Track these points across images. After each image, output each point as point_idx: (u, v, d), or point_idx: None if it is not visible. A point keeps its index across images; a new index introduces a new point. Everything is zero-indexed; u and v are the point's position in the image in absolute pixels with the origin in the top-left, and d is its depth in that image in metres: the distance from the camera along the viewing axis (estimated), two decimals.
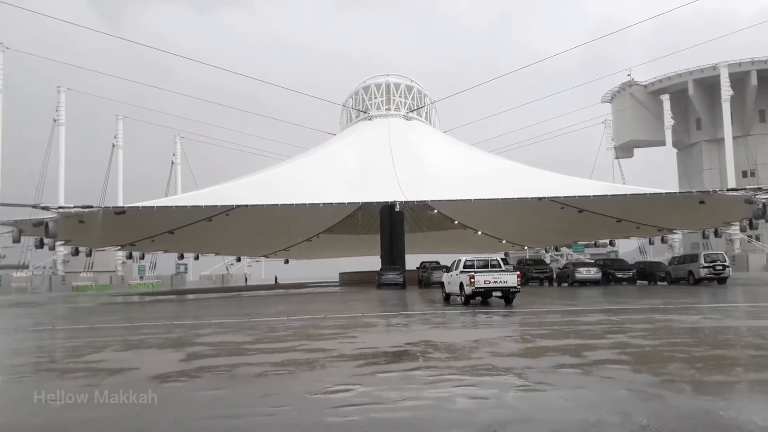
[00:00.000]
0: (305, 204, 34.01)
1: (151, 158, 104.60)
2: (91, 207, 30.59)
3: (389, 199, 34.94)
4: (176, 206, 34.19)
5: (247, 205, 35.39)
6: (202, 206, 34.18)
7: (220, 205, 35.35)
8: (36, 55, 56.97)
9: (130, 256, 53.70)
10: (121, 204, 43.04)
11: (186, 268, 76.17)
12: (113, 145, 65.11)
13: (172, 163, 73.39)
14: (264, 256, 74.05)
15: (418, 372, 7.49)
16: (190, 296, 39.41)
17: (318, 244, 63.64)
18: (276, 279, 78.78)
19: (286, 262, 75.06)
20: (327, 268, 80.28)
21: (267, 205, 34.18)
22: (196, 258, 63.99)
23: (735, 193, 33.34)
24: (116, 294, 48.36)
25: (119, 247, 49.44)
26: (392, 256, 47.55)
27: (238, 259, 74.52)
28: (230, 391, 6.79)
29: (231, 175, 46.19)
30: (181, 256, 62.66)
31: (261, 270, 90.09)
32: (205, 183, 47.91)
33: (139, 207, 33.52)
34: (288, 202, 33.84)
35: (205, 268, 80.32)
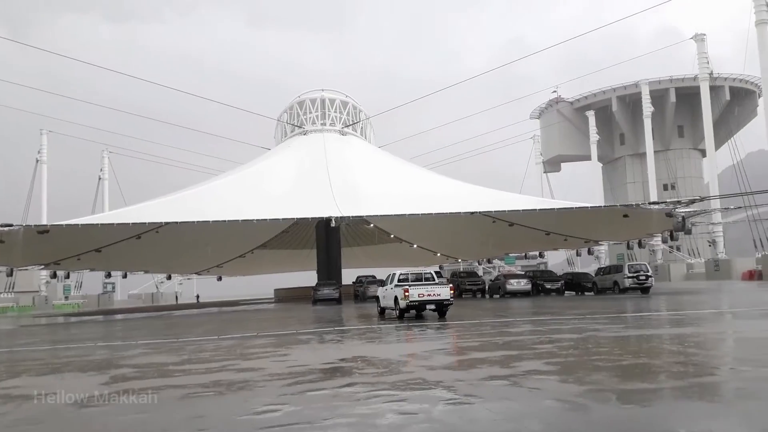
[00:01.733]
0: (238, 221, 33.48)
1: (77, 174, 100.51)
2: (11, 225, 29.20)
3: (325, 214, 34.80)
4: (102, 224, 33.05)
5: (177, 222, 34.52)
6: (129, 224, 33.14)
7: (149, 222, 34.32)
8: None
9: (54, 276, 51.36)
10: (44, 222, 41.20)
11: (114, 287, 73.47)
12: (37, 161, 62.42)
13: (99, 178, 70.97)
14: (196, 273, 72.28)
15: (348, 389, 7.46)
16: (118, 316, 38.07)
17: (252, 260, 62.65)
18: (198, 297, 77.08)
19: (219, 279, 73.51)
20: (262, 284, 79.11)
21: (198, 222, 33.43)
22: (125, 276, 61.73)
23: (656, 207, 34.89)
24: (39, 315, 46.17)
25: (42, 266, 47.25)
26: (328, 271, 47.34)
27: (169, 277, 72.47)
28: (153, 414, 6.59)
29: (162, 192, 44.96)
30: (109, 275, 60.45)
31: (193, 288, 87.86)
32: (135, 200, 46.48)
33: (63, 225, 32.22)
34: (220, 219, 33.21)
35: (134, 286, 77.88)
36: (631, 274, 32.69)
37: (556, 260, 72.07)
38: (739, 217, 62.01)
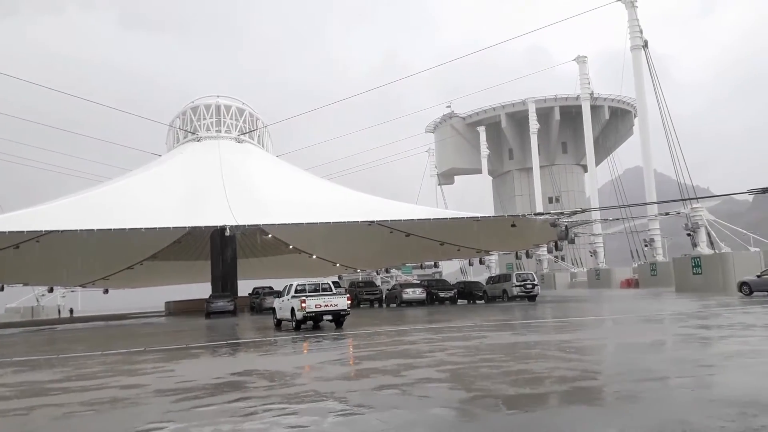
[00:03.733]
0: (125, 229, 31.91)
1: None
2: None
3: (219, 223, 33.88)
4: None
5: (59, 231, 32.48)
6: (5, 232, 30.82)
7: (28, 231, 32.07)
8: None
9: None
10: None
11: None
12: None
13: None
14: (80, 285, 68.22)
15: (238, 404, 7.31)
16: None
17: (141, 272, 59.93)
18: (71, 311, 72.97)
19: (106, 291, 69.81)
20: (152, 297, 75.73)
21: (82, 230, 31.56)
22: (1, 289, 57.32)
23: (542, 217, 36.69)
24: None
25: None
26: (223, 282, 46.07)
27: (51, 290, 68.00)
28: None
29: (44, 199, 42.08)
30: None
31: (77, 301, 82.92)
32: (13, 207, 43.19)
33: None
34: (106, 228, 31.51)
35: (12, 299, 72.37)
36: (518, 283, 34.05)
37: (451, 269, 73.95)
38: (617, 228, 66.23)
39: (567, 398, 6.97)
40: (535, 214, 37.66)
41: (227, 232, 33.75)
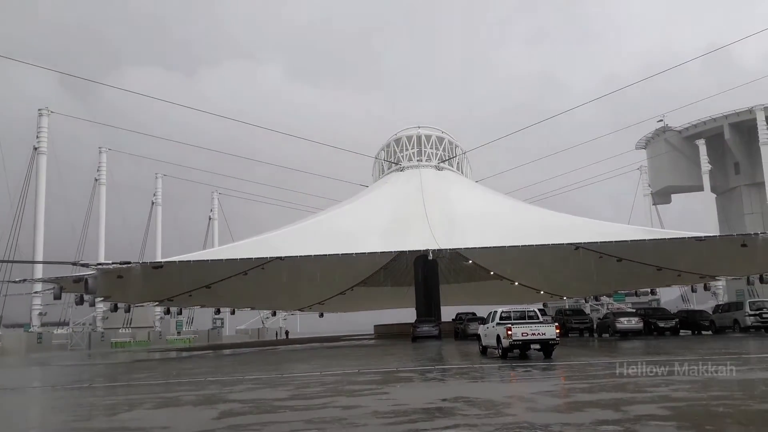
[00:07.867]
0: (338, 254, 34.01)
1: (189, 215, 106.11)
2: (129, 263, 31.14)
3: (422, 247, 34.79)
4: (212, 260, 34.57)
5: (281, 258, 35.59)
6: (237, 259, 34.49)
7: (255, 258, 35.60)
8: (78, 118, 58.79)
9: (167, 312, 54.26)
10: (159, 260, 43.59)
11: (222, 323, 76.44)
12: (152, 203, 66.46)
13: (210, 218, 74.45)
14: (299, 309, 74.00)
15: (452, 431, 7.27)
16: (226, 351, 39.44)
17: (352, 298, 63.36)
18: (287, 334, 78.42)
19: (321, 315, 74.88)
20: (362, 320, 79.78)
21: (301, 256, 34.29)
22: (233, 313, 64.26)
23: None
24: (154, 350, 48.62)
25: (157, 303, 49.99)
26: (427, 307, 47.05)
27: (274, 313, 74.65)
28: None
29: (266, 229, 46.63)
30: (218, 311, 63.00)
31: (296, 324, 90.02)
32: (242, 238, 48.42)
33: (175, 261, 34.02)
34: (321, 253, 33.88)
35: (241, 322, 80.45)
36: (752, 312, 30.64)
37: (670, 297, 68.25)
38: None
39: None
40: None
41: (429, 256, 34.47)
